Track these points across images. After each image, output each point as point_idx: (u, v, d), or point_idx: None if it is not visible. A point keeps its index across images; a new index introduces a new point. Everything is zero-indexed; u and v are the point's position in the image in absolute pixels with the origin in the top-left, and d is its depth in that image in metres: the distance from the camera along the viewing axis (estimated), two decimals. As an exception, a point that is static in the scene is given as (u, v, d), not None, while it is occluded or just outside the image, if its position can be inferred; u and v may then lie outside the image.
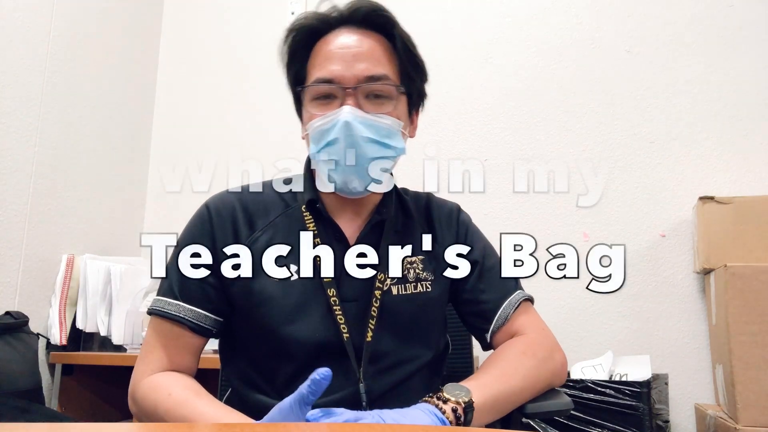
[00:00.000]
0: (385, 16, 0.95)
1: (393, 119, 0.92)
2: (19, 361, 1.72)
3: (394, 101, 0.93)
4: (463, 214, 1.09)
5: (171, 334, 0.92)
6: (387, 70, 0.93)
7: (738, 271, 1.53)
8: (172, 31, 2.66)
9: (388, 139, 0.91)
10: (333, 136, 0.88)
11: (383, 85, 0.91)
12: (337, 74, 0.90)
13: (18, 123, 1.90)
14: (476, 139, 2.19)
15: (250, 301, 0.91)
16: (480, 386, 0.83)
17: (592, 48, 2.14)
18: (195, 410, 0.81)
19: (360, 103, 0.90)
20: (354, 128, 0.87)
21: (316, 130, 0.91)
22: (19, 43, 1.92)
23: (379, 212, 0.98)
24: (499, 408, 0.85)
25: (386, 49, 0.95)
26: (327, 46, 0.93)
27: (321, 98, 0.92)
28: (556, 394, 0.94)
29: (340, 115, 0.88)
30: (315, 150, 0.91)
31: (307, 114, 0.93)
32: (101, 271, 2.03)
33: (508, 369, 0.89)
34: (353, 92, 0.89)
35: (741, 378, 1.47)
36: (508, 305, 0.99)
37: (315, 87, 0.91)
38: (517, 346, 0.95)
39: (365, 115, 0.89)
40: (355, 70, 0.90)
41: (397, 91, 0.93)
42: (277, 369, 0.90)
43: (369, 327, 0.91)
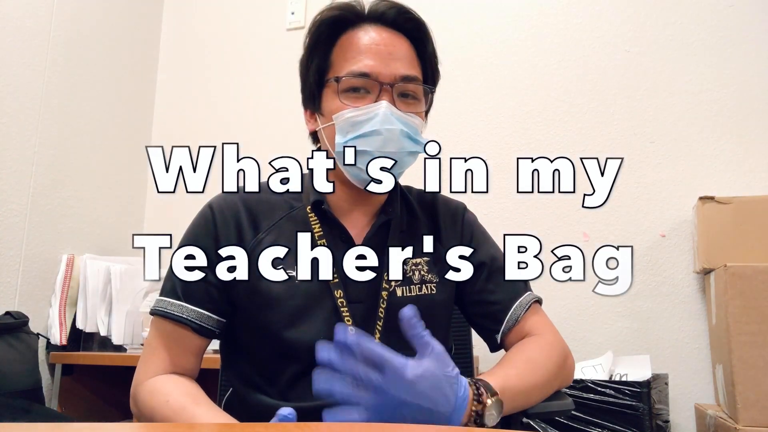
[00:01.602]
0: (416, 20, 0.97)
1: (420, 119, 0.94)
2: (19, 361, 1.72)
3: (422, 102, 0.95)
4: (469, 214, 1.08)
5: (173, 335, 0.91)
6: (418, 73, 0.95)
7: (738, 271, 1.52)
8: (172, 31, 2.66)
9: (417, 136, 0.93)
10: (371, 128, 0.88)
11: (416, 86, 0.94)
12: (375, 69, 0.90)
13: (18, 123, 1.90)
14: (476, 138, 2.19)
15: (254, 302, 0.90)
16: (508, 392, 0.81)
17: (592, 48, 2.14)
18: (192, 419, 0.80)
19: (393, 100, 0.91)
20: (393, 122, 0.88)
21: (347, 120, 0.90)
22: (19, 43, 1.92)
23: (385, 212, 0.97)
24: (510, 410, 0.85)
25: (415, 53, 0.96)
26: (359, 40, 0.93)
27: (352, 91, 0.91)
28: (557, 395, 0.95)
29: (379, 108, 0.89)
30: (343, 139, 0.90)
31: (337, 104, 0.92)
32: (101, 271, 2.03)
33: (532, 376, 0.88)
34: (389, 89, 0.90)
35: (741, 378, 1.47)
36: (518, 306, 0.98)
37: (350, 79, 0.91)
38: (540, 346, 0.94)
39: (400, 113, 0.90)
40: (392, 68, 0.91)
41: (424, 94, 0.95)
42: (280, 370, 0.89)
43: (376, 329, 0.90)
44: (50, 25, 2.04)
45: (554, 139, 2.12)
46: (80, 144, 2.15)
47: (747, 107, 1.96)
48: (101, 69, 2.28)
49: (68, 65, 2.11)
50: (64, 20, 2.09)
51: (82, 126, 2.16)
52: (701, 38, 2.04)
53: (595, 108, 2.10)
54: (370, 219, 0.98)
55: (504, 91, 2.20)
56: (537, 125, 2.14)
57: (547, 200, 2.08)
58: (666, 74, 2.05)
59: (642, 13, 2.11)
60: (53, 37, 2.05)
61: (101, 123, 2.26)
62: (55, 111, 2.04)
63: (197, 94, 2.56)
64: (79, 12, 2.17)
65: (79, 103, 2.16)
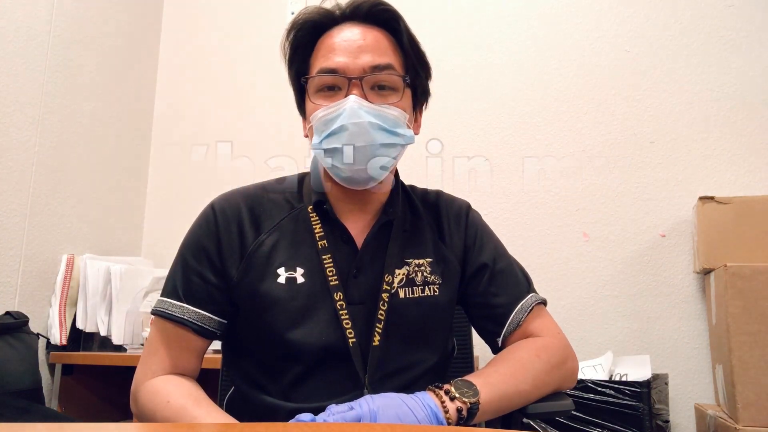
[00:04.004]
0: (389, 10, 0.95)
1: (399, 110, 0.90)
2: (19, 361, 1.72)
3: (400, 93, 0.91)
4: (473, 213, 1.06)
5: (174, 336, 0.91)
6: (392, 61, 0.91)
7: (738, 271, 1.52)
8: (172, 31, 2.66)
9: (394, 128, 0.89)
10: (339, 124, 0.86)
11: (388, 75, 0.90)
12: (341, 65, 0.89)
13: (18, 123, 1.90)
14: (476, 138, 2.19)
15: (255, 304, 0.90)
16: (488, 384, 0.82)
17: (592, 48, 2.14)
18: (193, 420, 0.80)
19: (365, 94, 0.88)
20: (360, 116, 0.86)
21: (320, 120, 0.89)
22: (19, 43, 1.92)
23: (386, 212, 0.96)
24: (503, 407, 0.85)
25: (391, 42, 0.94)
26: (330, 40, 0.93)
27: (325, 90, 0.90)
28: (557, 395, 0.93)
29: (345, 104, 0.87)
30: (318, 140, 0.90)
31: (311, 106, 0.91)
32: (101, 271, 2.03)
33: (518, 370, 0.88)
34: (358, 82, 0.88)
35: (741, 378, 1.47)
36: (520, 310, 0.96)
37: (319, 78, 0.90)
38: (531, 347, 0.93)
39: (371, 105, 0.88)
40: (360, 61, 0.89)
41: (402, 83, 0.91)
42: (282, 371, 0.89)
43: (376, 331, 0.89)
44: (50, 25, 2.04)
45: (554, 139, 2.12)
46: (80, 144, 2.15)
47: (747, 107, 1.96)
48: (101, 69, 2.27)
49: (68, 65, 2.11)
50: (64, 20, 2.09)
51: (82, 126, 2.16)
52: (701, 38, 2.04)
53: (595, 108, 2.10)
54: (371, 219, 0.96)
55: (504, 91, 2.20)
56: (537, 125, 2.14)
57: (547, 200, 2.08)
58: (666, 74, 2.05)
59: (642, 13, 2.11)
60: (53, 37, 2.05)
61: (101, 123, 2.26)
62: (55, 111, 2.04)
63: (197, 94, 2.56)
64: (79, 12, 2.17)
65: (79, 103, 2.16)
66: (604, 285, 1.99)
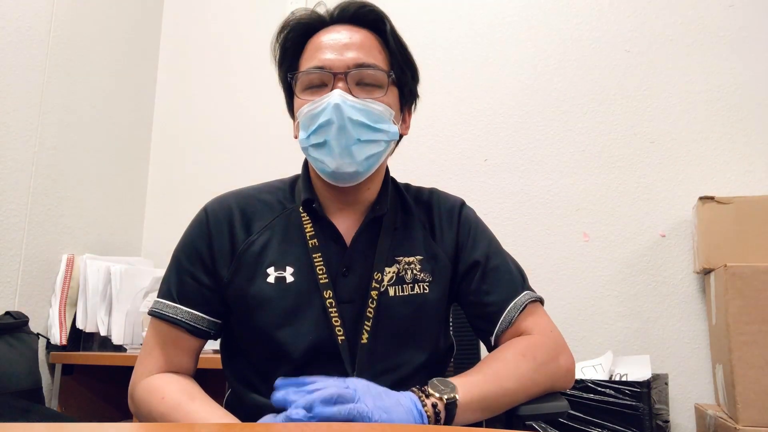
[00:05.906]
0: (375, 12, 0.96)
1: (384, 105, 0.91)
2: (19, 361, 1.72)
3: (385, 89, 0.92)
4: (467, 210, 1.05)
5: (169, 336, 0.92)
6: (377, 60, 0.93)
7: (738, 271, 1.52)
8: (172, 31, 2.66)
9: (378, 123, 0.90)
10: (323, 118, 0.87)
11: (373, 72, 0.91)
12: (327, 62, 0.90)
13: (18, 123, 1.90)
14: (475, 138, 2.18)
15: (246, 304, 0.91)
16: (467, 383, 0.82)
17: (592, 48, 2.14)
18: (187, 415, 0.81)
19: (350, 89, 0.89)
20: (344, 110, 0.86)
21: (306, 115, 0.90)
22: (19, 43, 1.92)
23: (374, 209, 0.96)
24: (487, 408, 0.83)
25: (377, 43, 0.95)
26: (318, 40, 0.94)
27: (312, 87, 0.92)
28: (552, 396, 0.91)
29: (330, 98, 0.87)
30: (304, 136, 0.90)
31: (298, 102, 0.93)
32: (101, 271, 2.03)
33: (502, 369, 0.87)
34: (343, 77, 0.89)
35: (741, 378, 1.47)
36: (513, 308, 0.95)
37: (305, 75, 0.91)
38: (517, 346, 0.91)
39: (355, 99, 0.88)
40: (345, 58, 0.90)
41: (387, 79, 0.92)
42: (273, 370, 0.89)
43: (364, 329, 0.89)
44: (50, 25, 2.04)
45: (554, 139, 2.11)
46: (80, 144, 2.15)
47: (747, 107, 1.96)
48: (101, 69, 2.28)
49: (68, 65, 2.11)
50: (64, 20, 2.09)
51: (82, 126, 2.16)
52: (701, 38, 2.04)
53: (595, 108, 2.10)
54: (361, 217, 0.97)
55: (504, 91, 2.20)
56: (537, 125, 2.14)
57: (547, 200, 2.08)
58: (666, 74, 2.05)
59: (642, 13, 2.11)
60: (53, 37, 2.05)
61: (101, 123, 2.26)
62: (55, 111, 2.04)
63: (197, 94, 2.56)
64: (79, 12, 2.17)
65: (79, 103, 2.16)
66: (604, 285, 1.99)
